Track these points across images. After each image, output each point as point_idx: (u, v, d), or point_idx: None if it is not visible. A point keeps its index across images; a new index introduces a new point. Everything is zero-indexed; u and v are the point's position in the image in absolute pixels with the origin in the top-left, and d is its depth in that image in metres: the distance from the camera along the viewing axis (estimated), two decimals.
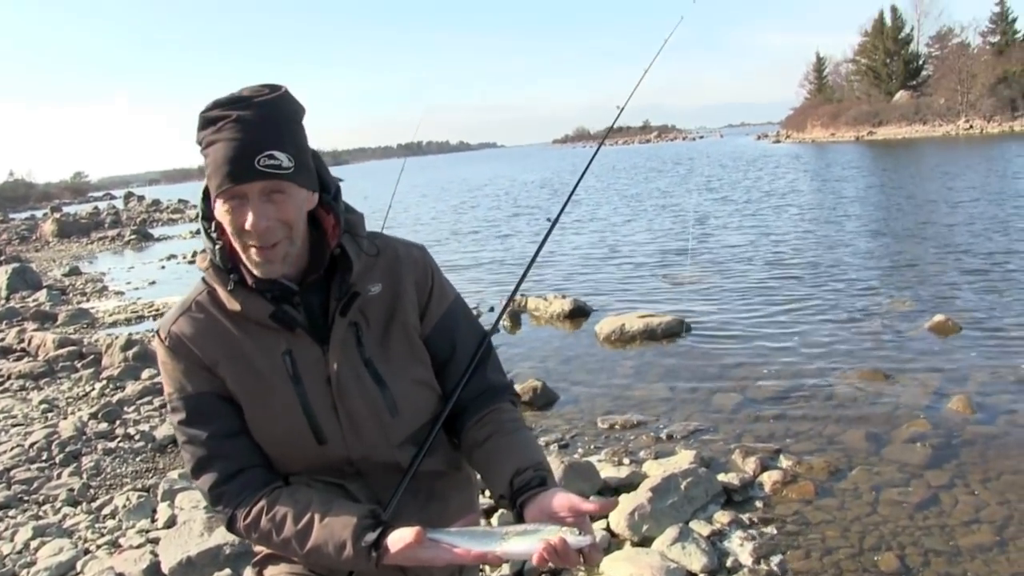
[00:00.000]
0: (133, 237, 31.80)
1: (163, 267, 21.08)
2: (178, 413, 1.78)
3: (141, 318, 13.11)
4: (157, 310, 13.54)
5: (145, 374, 8.56)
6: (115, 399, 7.82)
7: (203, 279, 1.82)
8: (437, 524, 1.67)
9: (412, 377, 1.87)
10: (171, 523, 4.95)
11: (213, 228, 1.75)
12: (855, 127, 76.47)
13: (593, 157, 2.95)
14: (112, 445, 6.68)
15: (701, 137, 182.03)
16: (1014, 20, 72.75)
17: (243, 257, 1.71)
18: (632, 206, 24.84)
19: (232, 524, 1.79)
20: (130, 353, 9.03)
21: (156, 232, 35.04)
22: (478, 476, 2.00)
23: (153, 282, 18.06)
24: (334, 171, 1.89)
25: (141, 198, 70.68)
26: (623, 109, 2.97)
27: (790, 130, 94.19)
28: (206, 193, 1.73)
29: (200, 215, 1.79)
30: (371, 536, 1.63)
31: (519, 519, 1.67)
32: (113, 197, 78.60)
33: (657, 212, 22.63)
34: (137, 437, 6.80)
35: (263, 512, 1.74)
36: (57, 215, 48.48)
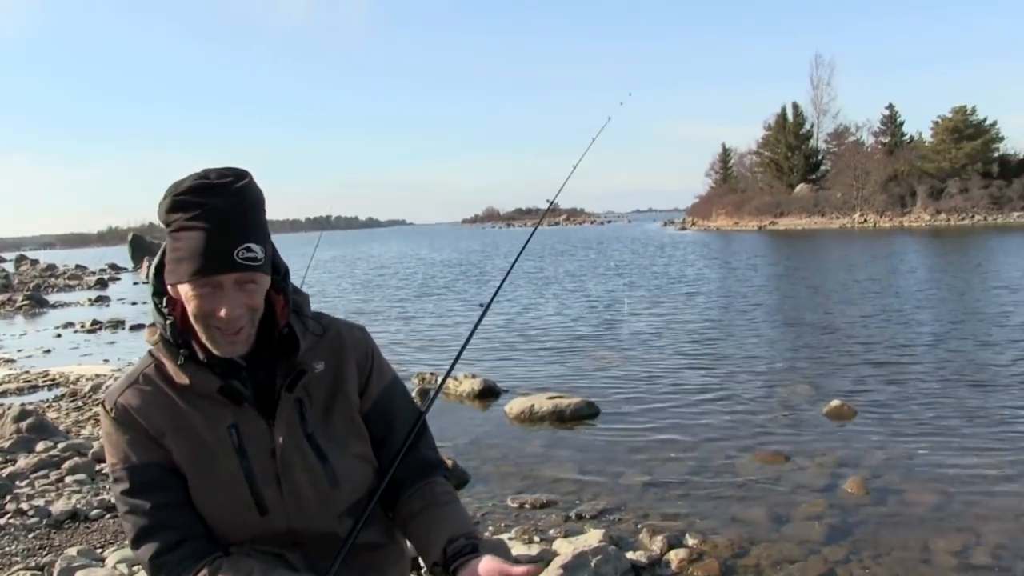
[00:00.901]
0: (26, 303, 30.13)
1: (59, 335, 20.14)
2: (121, 483, 1.81)
3: (35, 388, 12.46)
4: (53, 380, 12.94)
5: (40, 446, 8.11)
6: (5, 473, 7.43)
7: (150, 352, 1.87)
8: None
9: (352, 452, 1.95)
10: None
11: (164, 304, 1.81)
12: (758, 217, 79.42)
13: (528, 239, 3.14)
14: (1, 522, 6.34)
15: (609, 221, 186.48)
16: (902, 123, 77.78)
17: (202, 337, 1.77)
18: (541, 290, 25.20)
19: None
20: (24, 424, 8.58)
21: (51, 298, 33.58)
22: (411, 547, 2.08)
23: (48, 350, 17.25)
24: None
25: (35, 262, 67.21)
26: (552, 203, 3.16)
27: (696, 217, 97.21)
28: (158, 270, 1.80)
29: (152, 291, 1.84)
30: None
31: None
32: (3, 260, 75.36)
33: (567, 295, 23.00)
34: (31, 512, 6.42)
35: None
36: None
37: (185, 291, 1.72)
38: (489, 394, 10.33)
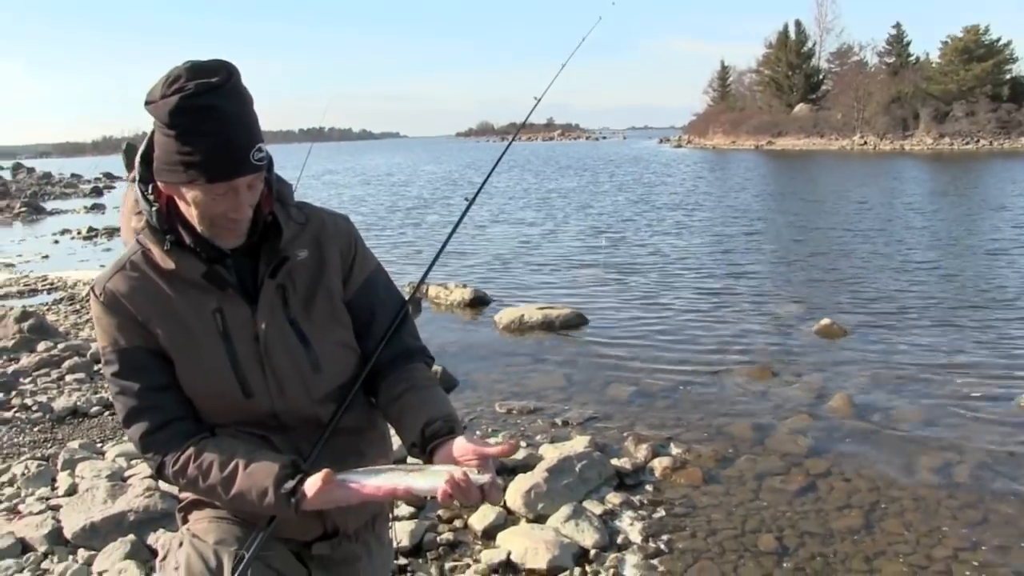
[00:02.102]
0: (23, 210, 30.29)
1: (56, 241, 20.27)
2: (111, 365, 1.84)
3: (35, 291, 12.63)
4: (52, 284, 13.09)
5: (42, 346, 8.22)
6: (10, 370, 7.54)
7: (137, 240, 1.87)
8: None
9: (334, 338, 1.97)
10: (72, 491, 4.83)
11: (150, 191, 1.81)
12: (755, 136, 78.63)
13: (505, 151, 3.06)
14: (8, 415, 6.45)
15: (604, 138, 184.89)
16: (908, 43, 75.98)
17: (204, 231, 1.79)
18: (536, 204, 25.09)
19: (161, 470, 1.87)
20: (25, 325, 8.66)
21: (48, 206, 33.60)
22: (393, 432, 2.11)
23: (46, 256, 17.38)
24: None
25: (31, 170, 67.32)
26: (539, 100, 3.02)
27: (692, 136, 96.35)
28: (145, 157, 1.80)
29: (137, 178, 1.84)
30: (290, 484, 1.73)
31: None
32: (1, 168, 74.90)
33: (559, 210, 22.89)
34: (35, 408, 6.57)
35: (191, 459, 1.82)
36: None
37: (195, 194, 1.73)
38: (480, 303, 10.34)
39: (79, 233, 21.52)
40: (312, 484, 1.70)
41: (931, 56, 72.58)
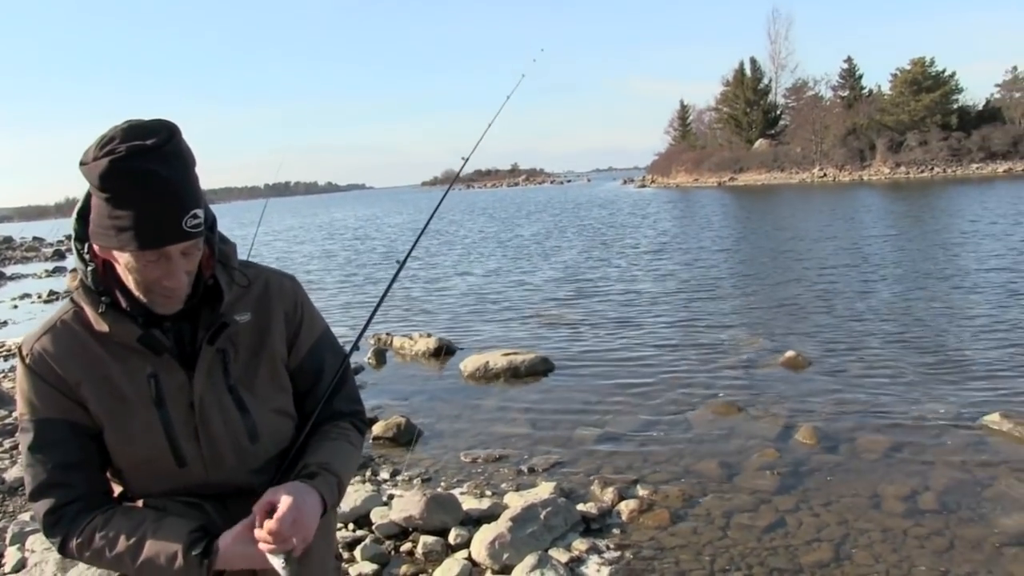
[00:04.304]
0: None
1: (15, 306, 19.80)
2: (27, 435, 1.77)
3: None
4: (8, 350, 12.75)
5: None
6: None
7: (71, 299, 1.82)
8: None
9: (274, 406, 1.92)
10: (20, 566, 4.66)
11: (86, 250, 1.76)
12: (717, 173, 79.65)
13: (440, 203, 3.05)
14: None
15: (569, 181, 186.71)
16: (860, 76, 77.65)
17: (141, 298, 1.74)
18: (501, 250, 25.12)
19: (64, 546, 1.78)
20: None
21: (8, 271, 33.11)
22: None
23: (4, 322, 17.00)
24: None
25: None
26: (467, 160, 3.05)
27: (655, 175, 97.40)
28: (81, 214, 1.74)
29: (73, 236, 1.78)
30: (201, 546, 1.69)
31: None
32: None
33: (524, 255, 22.92)
34: None
35: (96, 530, 1.75)
36: None
37: (127, 260, 1.68)
38: (444, 352, 10.25)
39: (39, 297, 21.06)
40: (231, 533, 1.69)
41: (883, 88, 74.23)
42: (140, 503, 1.84)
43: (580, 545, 4.67)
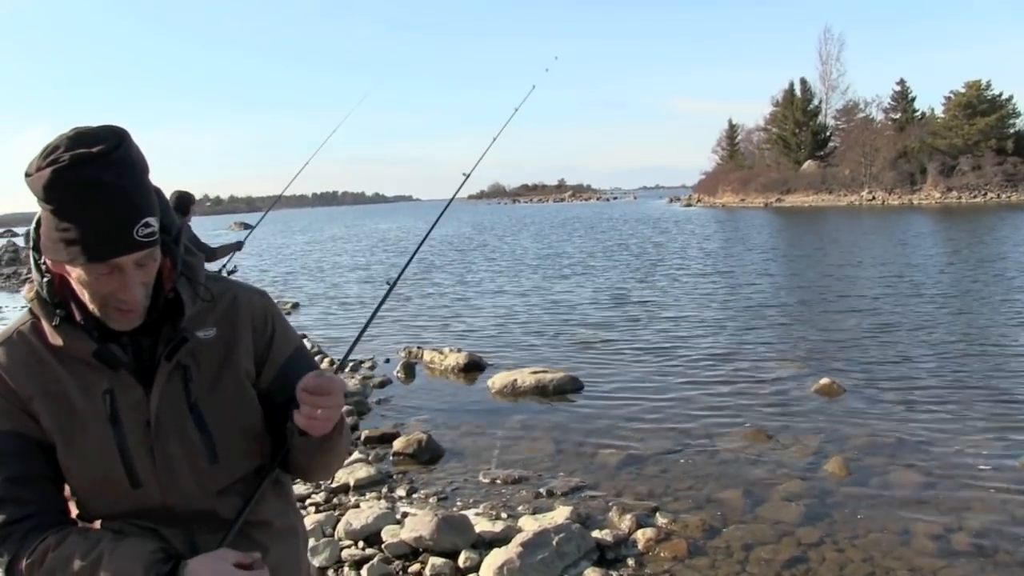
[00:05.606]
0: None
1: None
2: None
3: None
4: None
5: None
6: None
7: (29, 310, 1.73)
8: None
9: (240, 424, 1.81)
10: None
11: (43, 260, 1.66)
12: (764, 194, 78.92)
13: (439, 217, 2.98)
14: None
15: (615, 198, 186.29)
16: (913, 99, 76.56)
17: (95, 312, 1.65)
18: (541, 266, 25.03)
19: (13, 565, 1.67)
20: None
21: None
22: (304, 528, 1.99)
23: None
24: (248, 218, 1.83)
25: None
26: (468, 176, 3.00)
27: (702, 194, 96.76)
28: (39, 223, 1.64)
29: (31, 245, 1.69)
30: (164, 568, 1.59)
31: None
32: (15, 234, 75.40)
33: (564, 273, 22.80)
34: None
35: (49, 549, 1.63)
36: None
37: (78, 274, 1.60)
38: (474, 368, 10.16)
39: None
40: (205, 556, 1.62)
41: (936, 111, 73.05)
42: (97, 525, 1.75)
43: (591, 575, 4.52)
